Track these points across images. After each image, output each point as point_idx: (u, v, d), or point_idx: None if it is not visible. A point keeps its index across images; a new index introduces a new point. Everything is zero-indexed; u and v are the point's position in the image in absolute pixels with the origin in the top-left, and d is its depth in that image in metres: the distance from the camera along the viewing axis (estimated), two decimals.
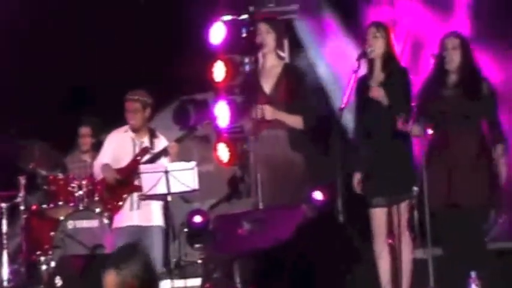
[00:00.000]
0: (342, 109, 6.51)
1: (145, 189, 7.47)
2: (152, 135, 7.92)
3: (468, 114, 6.53)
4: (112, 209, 7.94)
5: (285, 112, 6.75)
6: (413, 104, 6.52)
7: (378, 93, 6.57)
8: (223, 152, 9.33)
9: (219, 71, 9.19)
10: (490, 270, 6.33)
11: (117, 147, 7.95)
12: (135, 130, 7.92)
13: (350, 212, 6.85)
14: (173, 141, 7.87)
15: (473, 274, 6.01)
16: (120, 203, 7.84)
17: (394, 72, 6.70)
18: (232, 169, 9.50)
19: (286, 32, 7.32)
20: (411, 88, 6.69)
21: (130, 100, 7.86)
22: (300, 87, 6.83)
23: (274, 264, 5.11)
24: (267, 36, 6.86)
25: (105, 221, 8.35)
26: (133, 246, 4.19)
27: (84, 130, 9.20)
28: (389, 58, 6.73)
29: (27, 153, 8.65)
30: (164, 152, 7.77)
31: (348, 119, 7.14)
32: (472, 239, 6.49)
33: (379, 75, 6.74)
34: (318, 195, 9.07)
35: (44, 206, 8.75)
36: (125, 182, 7.81)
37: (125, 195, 7.83)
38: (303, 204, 6.53)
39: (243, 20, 9.45)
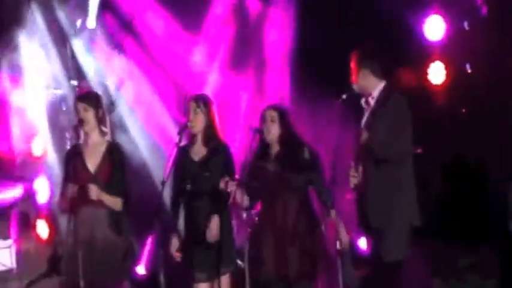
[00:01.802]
0: (163, 182, 6.50)
1: None
2: None
3: (291, 186, 6.67)
4: None
5: (106, 192, 6.64)
6: (237, 177, 6.60)
7: None
8: (42, 228, 9.08)
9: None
10: None
11: None
12: None
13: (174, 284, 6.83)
14: None
15: None
16: None
17: (216, 148, 6.77)
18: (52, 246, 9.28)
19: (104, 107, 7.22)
20: (234, 164, 6.78)
21: None
22: (121, 168, 6.73)
23: None
24: (85, 114, 6.74)
25: None
26: None
27: None
28: (210, 133, 6.80)
29: None
30: None
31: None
32: None
33: (200, 149, 6.79)
34: (140, 270, 9.00)
35: None
36: None
37: None
38: (125, 281, 6.41)
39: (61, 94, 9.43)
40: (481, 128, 8.48)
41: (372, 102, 6.60)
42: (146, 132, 9.61)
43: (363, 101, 6.65)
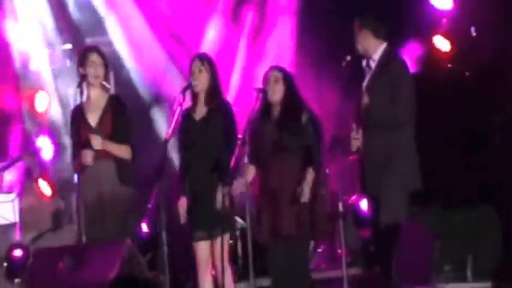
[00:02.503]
0: (167, 140, 6.51)
1: None
2: None
3: (285, 146, 6.67)
4: None
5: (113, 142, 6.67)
6: (239, 137, 6.61)
7: None
8: (45, 186, 9.12)
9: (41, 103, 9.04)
10: None
11: None
12: None
13: (175, 243, 6.86)
14: None
15: None
16: None
17: (217, 107, 6.76)
18: (56, 201, 9.33)
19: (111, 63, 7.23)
20: (235, 122, 6.77)
21: None
22: (123, 119, 6.76)
23: None
24: (98, 67, 6.75)
25: None
26: None
27: None
28: (213, 92, 6.78)
29: None
30: None
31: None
32: (296, 269, 6.62)
33: (202, 109, 6.78)
34: (143, 227, 9.04)
35: None
36: None
37: None
38: (128, 239, 6.43)
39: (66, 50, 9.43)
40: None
41: (373, 65, 6.66)
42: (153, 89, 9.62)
43: (364, 63, 6.69)
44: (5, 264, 9.01)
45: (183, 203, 6.73)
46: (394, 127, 6.51)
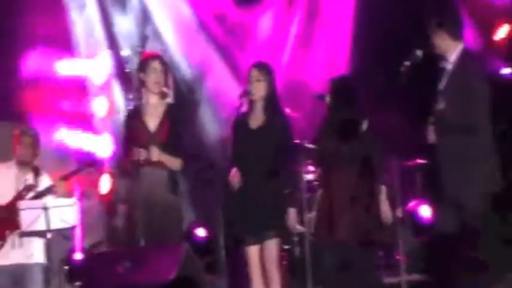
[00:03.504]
0: (223, 145, 6.57)
1: (24, 226, 7.31)
2: (36, 173, 7.76)
3: (345, 154, 6.68)
4: None
5: (165, 152, 6.73)
6: (297, 142, 6.62)
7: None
8: (105, 183, 9.24)
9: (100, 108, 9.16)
10: None
11: None
12: (21, 165, 7.74)
13: (231, 248, 6.91)
14: (59, 179, 7.74)
15: None
16: (1, 242, 7.64)
17: (275, 116, 6.77)
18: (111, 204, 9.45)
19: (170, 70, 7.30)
20: (290, 132, 6.77)
21: (24, 133, 7.72)
22: (179, 129, 6.82)
23: None
24: (160, 74, 6.84)
25: None
26: None
27: None
28: (270, 101, 6.80)
29: None
30: (49, 190, 7.63)
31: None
32: (357, 277, 6.60)
33: (259, 117, 6.80)
34: (200, 232, 9.09)
35: None
36: (6, 220, 7.61)
37: (6, 234, 7.64)
38: (184, 242, 6.50)
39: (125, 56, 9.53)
40: None
41: (449, 66, 6.53)
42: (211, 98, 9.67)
43: (443, 63, 6.55)
44: (66, 267, 9.13)
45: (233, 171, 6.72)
46: (470, 130, 6.34)
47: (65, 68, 9.80)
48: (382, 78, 8.16)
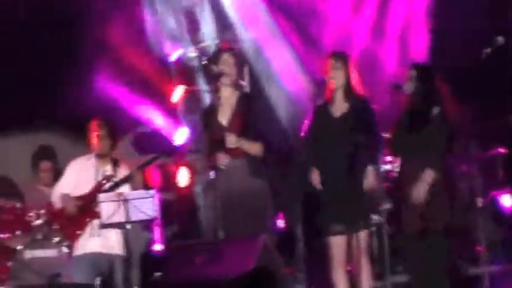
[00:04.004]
0: (302, 137, 6.55)
1: (104, 217, 7.41)
2: (115, 164, 7.88)
3: (420, 141, 6.59)
4: (72, 237, 7.87)
5: (246, 140, 6.75)
6: (383, 134, 6.58)
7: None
8: (183, 175, 9.29)
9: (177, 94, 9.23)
10: None
11: (79, 175, 7.90)
12: (99, 157, 7.88)
13: (310, 239, 6.88)
14: (136, 168, 7.83)
15: None
16: (81, 231, 7.78)
17: (357, 103, 6.72)
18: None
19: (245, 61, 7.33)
20: (375, 118, 6.72)
21: (100, 126, 7.84)
22: (252, 115, 6.83)
23: None
24: (233, 67, 6.86)
25: (64, 250, 8.26)
26: None
27: (44, 165, 9.12)
28: (350, 89, 6.76)
29: None
30: (127, 180, 7.73)
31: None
32: (432, 266, 6.53)
33: (341, 106, 6.76)
34: (279, 222, 9.08)
35: (1, 235, 8.64)
36: (85, 209, 7.74)
37: (85, 223, 7.77)
38: (263, 234, 6.49)
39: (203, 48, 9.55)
40: None
41: None
42: (285, 88, 9.64)
43: None
44: (146, 259, 9.23)
45: (315, 177, 6.68)
46: None
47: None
48: (461, 66, 8.03)
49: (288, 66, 9.68)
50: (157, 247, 9.27)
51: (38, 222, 8.45)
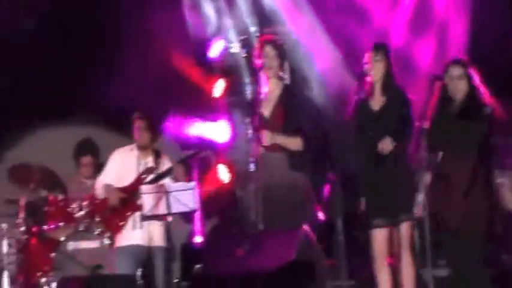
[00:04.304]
0: (343, 129, 6.54)
1: (146, 209, 7.46)
2: (157, 156, 7.94)
3: (467, 141, 6.53)
4: (114, 228, 7.94)
5: (283, 135, 6.75)
6: (417, 124, 6.52)
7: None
8: (223, 172, 9.32)
9: (218, 88, 9.24)
10: None
11: (121, 165, 7.97)
12: (141, 149, 7.94)
13: (350, 231, 6.87)
14: (178, 161, 7.88)
15: None
16: (123, 223, 7.84)
17: (395, 95, 6.69)
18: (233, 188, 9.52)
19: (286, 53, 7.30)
20: (411, 111, 6.68)
21: (141, 118, 7.91)
22: (296, 109, 6.83)
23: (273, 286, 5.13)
24: (273, 60, 6.87)
25: (106, 241, 8.34)
26: None
27: (86, 160, 9.21)
28: (389, 81, 6.73)
29: (28, 174, 8.66)
30: (168, 172, 7.79)
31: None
32: (472, 262, 6.49)
33: (380, 99, 6.74)
34: (320, 215, 9.07)
35: (44, 227, 8.74)
36: (127, 201, 7.81)
37: (127, 215, 7.83)
38: (304, 225, 6.50)
39: (243, 39, 9.54)
40: None
41: None
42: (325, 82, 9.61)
43: None
44: (186, 250, 9.28)
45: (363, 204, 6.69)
46: None
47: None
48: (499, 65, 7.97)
49: (326, 59, 9.65)
50: (198, 239, 9.29)
51: (81, 213, 8.56)
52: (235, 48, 9.72)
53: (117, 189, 7.88)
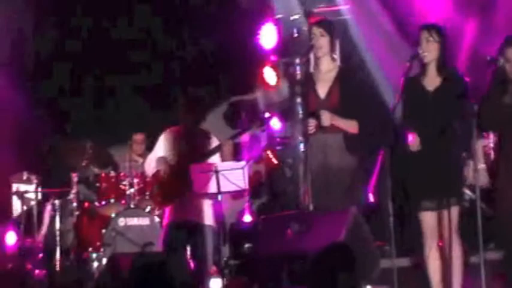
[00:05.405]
0: (393, 110, 6.49)
1: (196, 188, 7.51)
2: (204, 135, 7.97)
3: None
4: (164, 206, 8.00)
5: (340, 117, 6.72)
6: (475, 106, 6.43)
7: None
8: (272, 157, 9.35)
9: (270, 75, 9.23)
10: None
11: (172, 145, 8.02)
12: (189, 128, 7.98)
13: (400, 213, 6.82)
14: (226, 139, 7.91)
15: None
16: (173, 201, 7.90)
17: (450, 76, 6.63)
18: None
19: (339, 33, 7.25)
20: (467, 92, 6.59)
21: (187, 99, 7.96)
22: (352, 93, 6.78)
23: (322, 266, 5.12)
24: (321, 39, 6.83)
25: (156, 219, 8.41)
26: None
27: (138, 136, 9.29)
28: (443, 62, 6.65)
29: (80, 151, 8.76)
30: (217, 150, 7.82)
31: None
32: None
33: (434, 79, 6.66)
34: (369, 196, 9.05)
35: (96, 203, 8.84)
36: (179, 179, 7.85)
37: (177, 193, 7.88)
38: (353, 207, 6.47)
39: (294, 20, 9.52)
40: None
41: None
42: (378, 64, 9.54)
43: None
44: (236, 229, 9.33)
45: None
46: None
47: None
48: None
49: (379, 45, 9.57)
50: (247, 218, 9.34)
51: (131, 190, 8.64)
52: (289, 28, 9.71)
53: (169, 163, 7.92)
